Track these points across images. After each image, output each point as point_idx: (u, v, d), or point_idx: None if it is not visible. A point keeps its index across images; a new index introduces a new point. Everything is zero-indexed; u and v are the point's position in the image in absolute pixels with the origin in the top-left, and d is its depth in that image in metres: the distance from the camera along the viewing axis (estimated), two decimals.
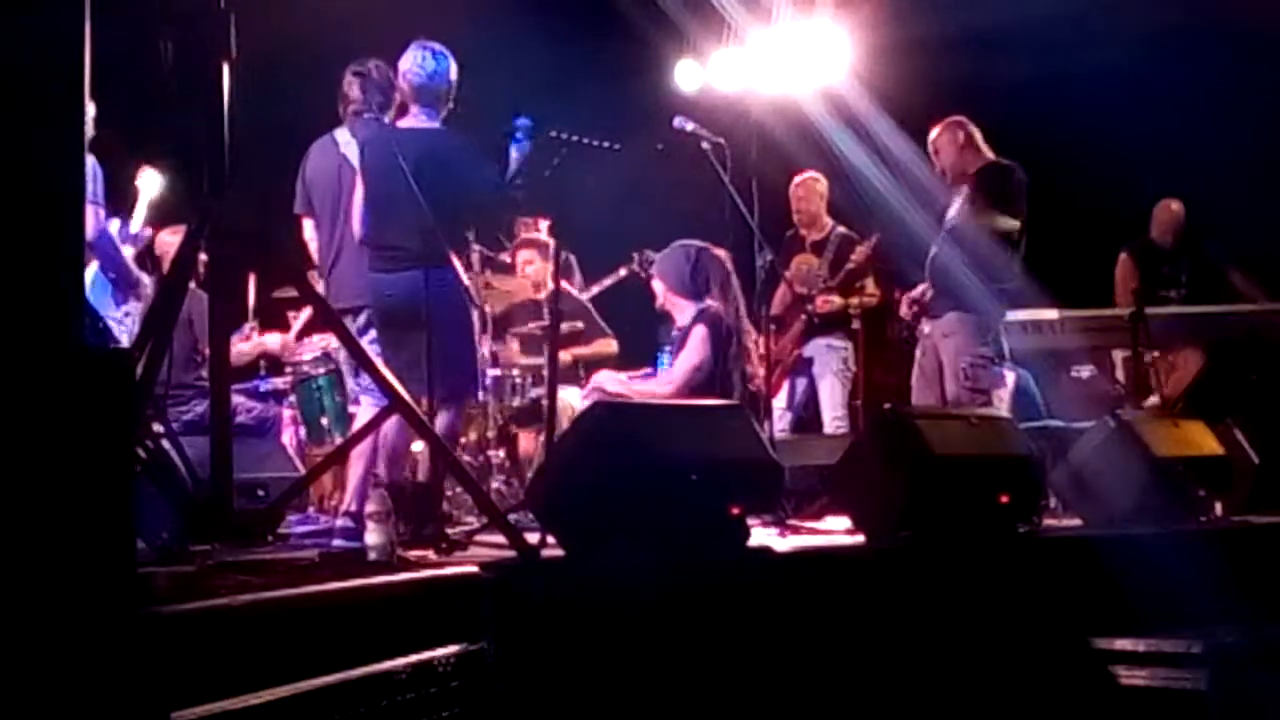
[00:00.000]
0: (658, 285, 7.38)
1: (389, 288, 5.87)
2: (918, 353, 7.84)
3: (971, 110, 7.89)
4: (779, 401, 8.33)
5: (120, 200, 7.00)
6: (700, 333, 7.10)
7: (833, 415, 8.41)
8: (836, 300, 8.42)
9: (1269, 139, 9.21)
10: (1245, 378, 8.36)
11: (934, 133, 7.80)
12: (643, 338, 8.97)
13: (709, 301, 7.16)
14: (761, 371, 7.11)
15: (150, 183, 7.34)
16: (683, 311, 7.26)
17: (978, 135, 7.73)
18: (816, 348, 8.48)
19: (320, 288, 6.18)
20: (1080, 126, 9.52)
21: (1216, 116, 9.36)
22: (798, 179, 8.77)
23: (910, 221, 7.85)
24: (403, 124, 6.18)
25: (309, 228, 6.34)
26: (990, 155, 7.70)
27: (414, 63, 6.13)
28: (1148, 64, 9.46)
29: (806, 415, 8.62)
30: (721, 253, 7.31)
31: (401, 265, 5.81)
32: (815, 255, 8.57)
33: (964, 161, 7.70)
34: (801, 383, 8.55)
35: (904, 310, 7.94)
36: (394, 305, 5.84)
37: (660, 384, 7.26)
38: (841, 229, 8.65)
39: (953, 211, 7.71)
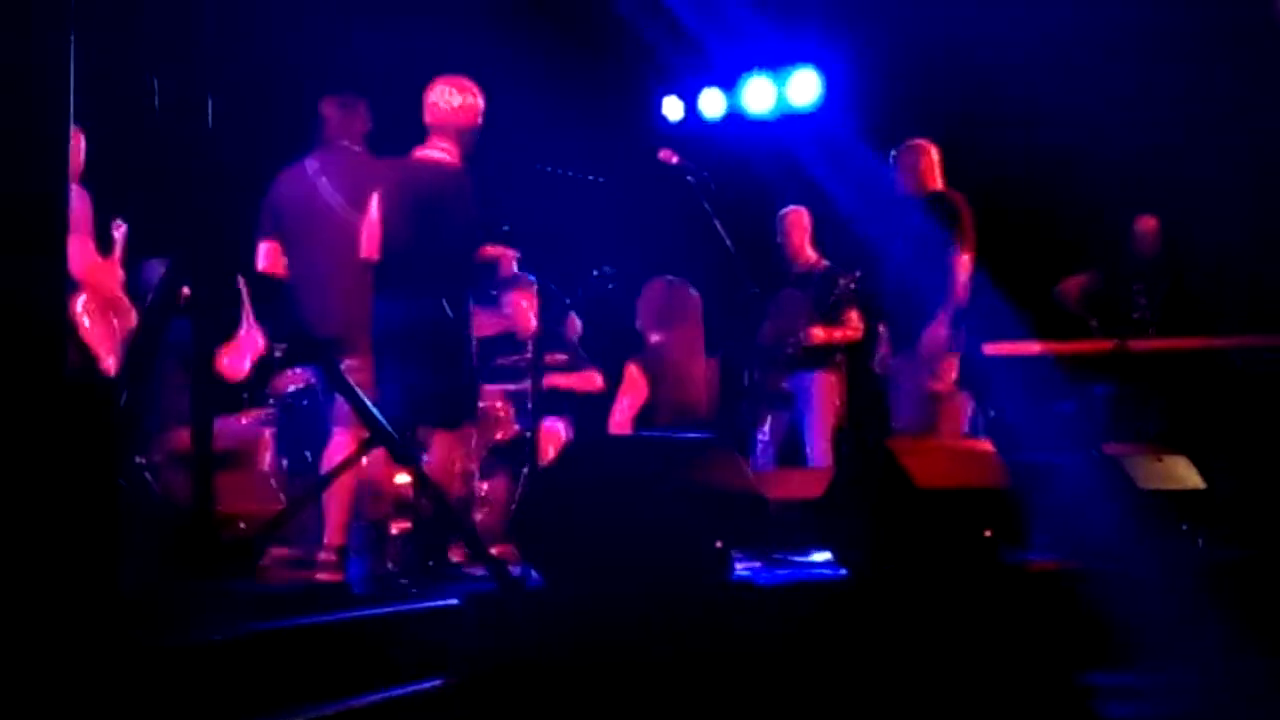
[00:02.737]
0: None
1: (390, 313, 5.87)
2: (891, 389, 7.84)
3: (955, 140, 7.91)
4: (763, 434, 8.33)
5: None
6: (630, 371, 7.45)
7: (818, 449, 8.40)
8: (821, 333, 8.42)
9: (1250, 164, 9.26)
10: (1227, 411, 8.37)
11: (893, 152, 7.85)
12: (603, 347, 8.97)
13: (667, 335, 7.37)
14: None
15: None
16: (649, 340, 7.58)
17: (936, 162, 7.76)
18: (801, 381, 8.48)
19: None
20: (1062, 157, 9.57)
21: (1198, 145, 9.41)
22: (782, 212, 8.77)
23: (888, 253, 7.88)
24: (420, 154, 6.21)
25: (267, 253, 6.25)
26: (939, 185, 7.73)
27: (441, 96, 6.20)
28: (1131, 91, 9.53)
29: (790, 448, 8.61)
30: (693, 291, 7.49)
31: (406, 292, 5.81)
32: (799, 288, 8.57)
33: (916, 186, 7.75)
34: (785, 415, 8.55)
35: (878, 366, 7.99)
36: (396, 331, 5.85)
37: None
38: (826, 262, 8.66)
39: (904, 234, 7.74)
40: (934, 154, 7.79)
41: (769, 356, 8.31)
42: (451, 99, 6.22)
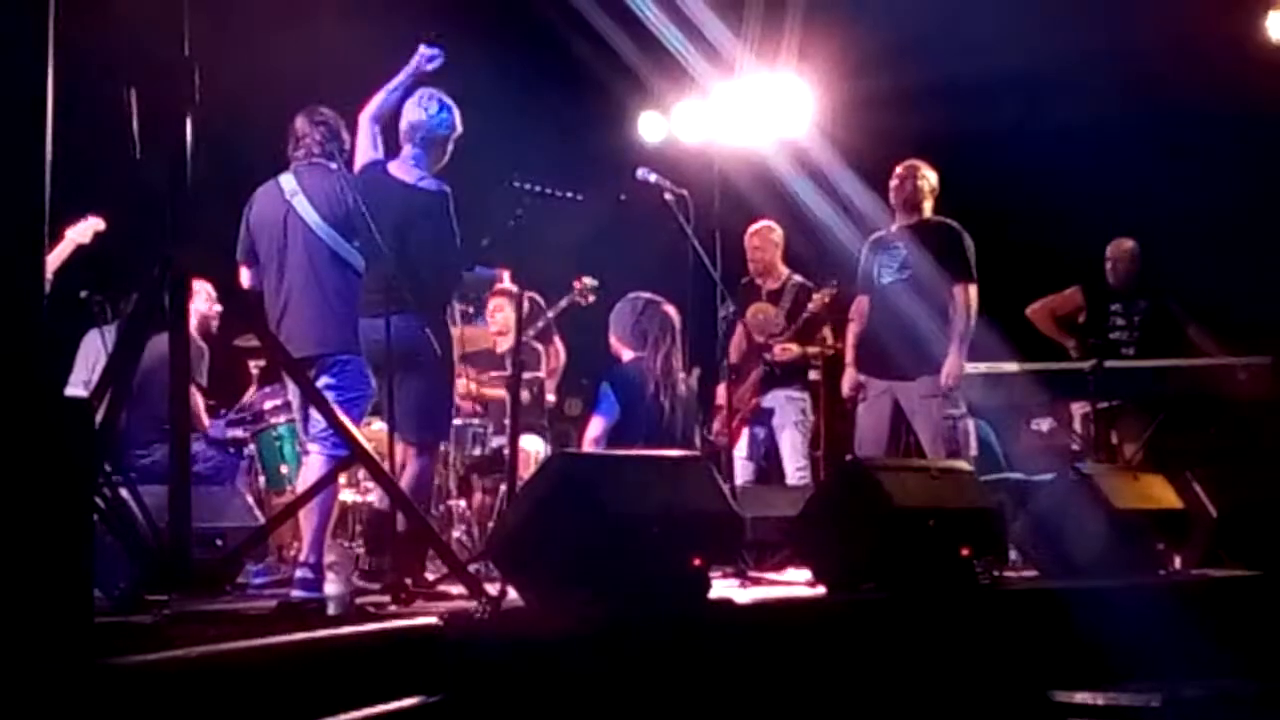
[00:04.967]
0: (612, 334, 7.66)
1: (372, 332, 5.87)
2: (862, 409, 7.83)
3: (931, 160, 7.95)
4: (739, 452, 8.32)
5: None
6: (604, 390, 7.42)
7: (795, 466, 8.39)
8: (794, 349, 8.42)
9: (1226, 193, 9.32)
10: (1203, 431, 8.42)
11: (900, 169, 7.86)
12: (584, 365, 8.97)
13: (642, 353, 7.37)
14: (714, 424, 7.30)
15: (84, 231, 7.32)
16: (623, 359, 7.54)
17: (934, 187, 7.80)
18: (776, 398, 8.47)
19: None
20: (1039, 180, 9.60)
21: (1175, 170, 9.47)
22: (753, 228, 8.75)
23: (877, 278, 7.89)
24: (393, 168, 6.23)
25: (248, 276, 6.26)
26: (933, 211, 7.78)
27: (418, 102, 6.23)
28: (1107, 117, 9.58)
29: (767, 465, 8.61)
30: (670, 308, 7.47)
31: (380, 310, 5.81)
32: (771, 304, 8.57)
33: (911, 210, 7.77)
34: (761, 433, 8.54)
35: (846, 390, 7.96)
36: (377, 349, 5.85)
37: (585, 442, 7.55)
38: (798, 277, 8.66)
39: (901, 260, 7.74)
40: (932, 178, 7.80)
41: (742, 372, 8.31)
42: (429, 106, 6.25)
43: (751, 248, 8.70)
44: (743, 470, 8.32)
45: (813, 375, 8.66)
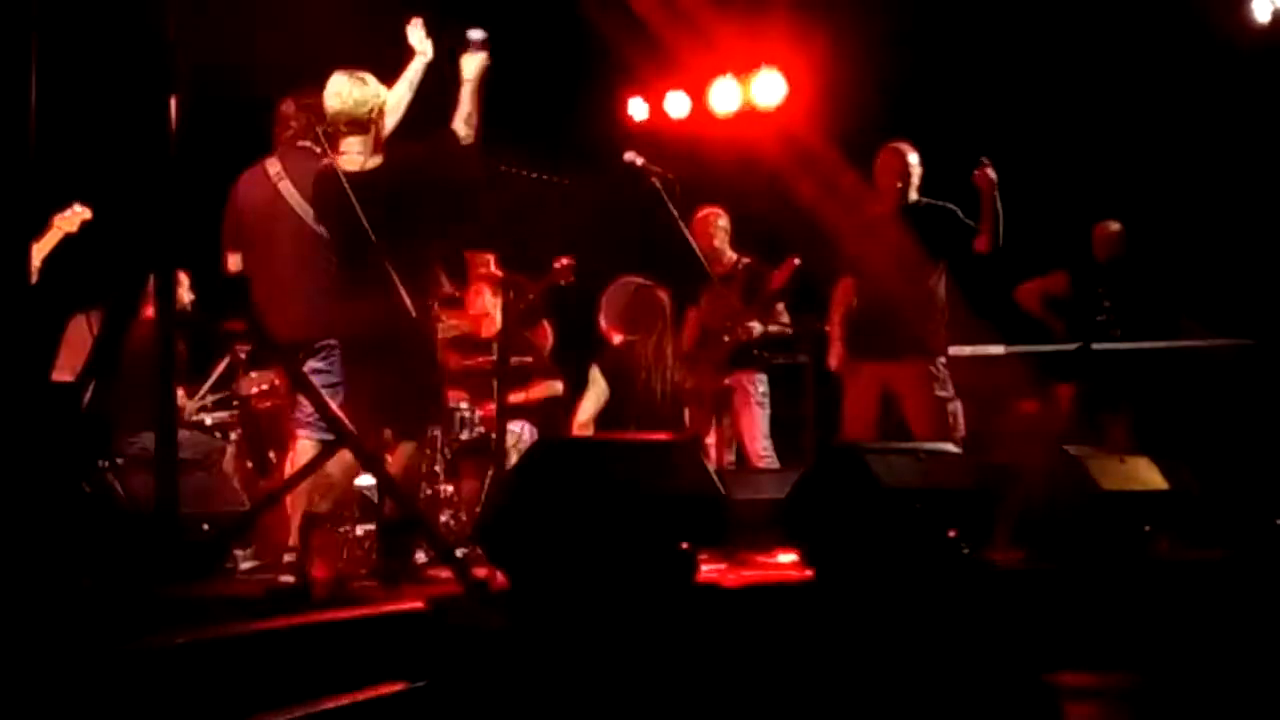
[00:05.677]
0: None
1: (351, 320, 5.84)
2: (849, 391, 7.82)
3: (915, 143, 7.94)
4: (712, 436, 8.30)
5: None
6: (593, 374, 7.46)
7: (759, 446, 8.38)
8: (758, 327, 8.39)
9: (1212, 175, 9.34)
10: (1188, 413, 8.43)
11: (885, 150, 7.85)
12: (568, 346, 8.96)
13: (634, 337, 7.36)
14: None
15: (71, 221, 7.28)
16: (613, 342, 7.64)
17: (919, 167, 7.80)
18: (736, 379, 8.46)
19: None
20: (1026, 161, 9.61)
21: (1161, 152, 9.49)
22: (699, 214, 8.64)
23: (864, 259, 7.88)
24: (342, 162, 6.11)
25: (235, 261, 6.22)
26: (916, 192, 7.78)
27: (329, 91, 6.04)
28: (1097, 98, 9.59)
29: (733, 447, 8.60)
30: (662, 293, 7.46)
31: (361, 296, 5.78)
32: (724, 288, 8.53)
33: (901, 189, 7.77)
34: (726, 416, 8.51)
35: (833, 364, 7.96)
36: (354, 338, 5.82)
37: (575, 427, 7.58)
38: (746, 259, 8.62)
39: (890, 242, 7.73)
40: (917, 158, 7.79)
41: (699, 358, 8.28)
42: (341, 90, 6.08)
43: (698, 235, 8.60)
44: (720, 452, 8.31)
45: (765, 354, 8.64)
